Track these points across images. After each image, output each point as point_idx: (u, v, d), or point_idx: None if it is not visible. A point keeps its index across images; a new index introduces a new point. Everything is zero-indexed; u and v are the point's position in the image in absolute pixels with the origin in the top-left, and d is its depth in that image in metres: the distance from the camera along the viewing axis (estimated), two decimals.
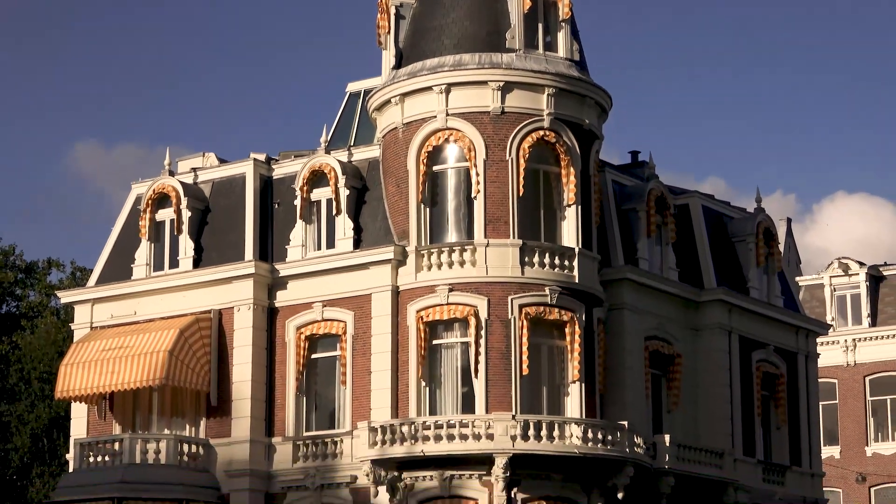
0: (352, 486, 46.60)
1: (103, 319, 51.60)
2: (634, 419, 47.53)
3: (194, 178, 51.78)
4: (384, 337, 46.87)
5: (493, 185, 46.38)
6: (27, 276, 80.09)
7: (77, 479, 48.02)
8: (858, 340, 75.23)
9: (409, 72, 47.80)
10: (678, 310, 52.04)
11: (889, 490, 74.23)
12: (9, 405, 71.27)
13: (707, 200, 56.26)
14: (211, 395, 49.10)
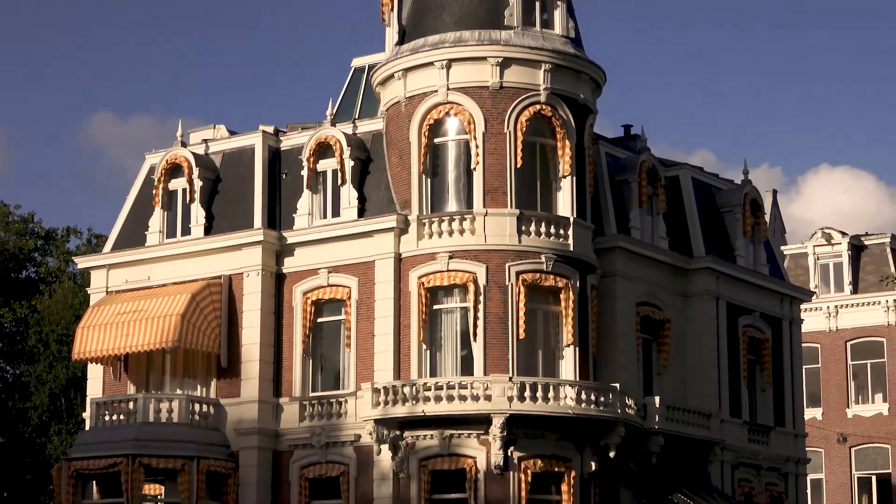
0: (355, 444, 46.70)
1: (118, 284, 51.63)
2: (626, 381, 47.63)
3: (206, 149, 51.75)
4: (387, 302, 46.92)
5: (491, 157, 46.36)
6: (46, 242, 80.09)
7: (93, 437, 48.10)
8: (840, 307, 75.26)
9: (411, 48, 47.73)
10: (668, 277, 52.08)
11: (868, 450, 74.36)
12: (28, 366, 71.36)
13: (696, 172, 56.27)
14: (221, 356, 49.16)
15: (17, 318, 72.57)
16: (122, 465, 46.21)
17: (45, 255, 79.63)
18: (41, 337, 70.31)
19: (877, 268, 75.37)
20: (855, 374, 75.30)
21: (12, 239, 77.56)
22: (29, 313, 71.81)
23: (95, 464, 46.94)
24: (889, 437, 73.74)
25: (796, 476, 56.79)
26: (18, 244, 77.55)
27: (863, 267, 76.44)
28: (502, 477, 44.44)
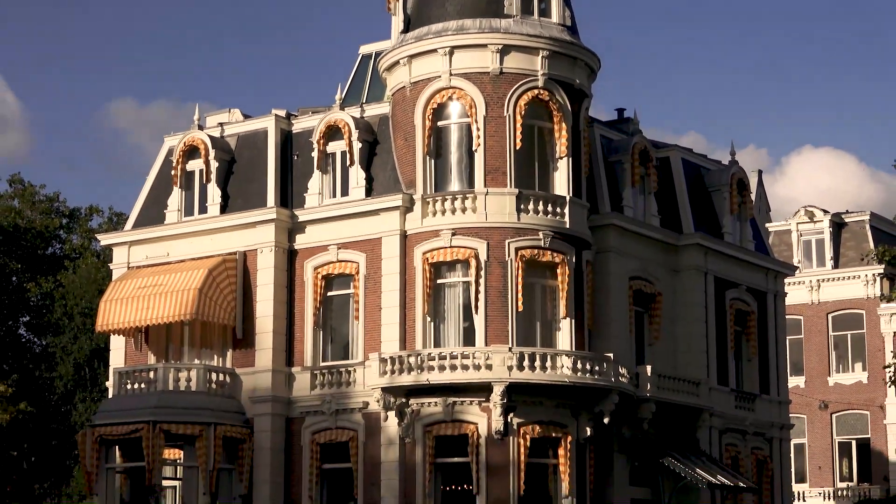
0: (364, 411, 46.75)
1: (139, 260, 51.64)
2: (619, 351, 47.64)
3: (221, 132, 51.71)
4: (393, 276, 46.92)
5: (492, 139, 46.32)
6: (70, 220, 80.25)
7: (116, 405, 48.16)
8: (822, 281, 75.25)
9: (415, 35, 47.66)
10: (659, 253, 52.04)
11: (849, 416, 74.44)
12: (54, 338, 71.53)
13: (686, 154, 56.19)
14: (237, 328, 49.19)
15: (44, 292, 72.75)
16: (143, 430, 46.23)
17: (70, 232, 79.82)
18: (66, 310, 70.45)
19: (857, 244, 75.35)
20: (836, 344, 75.34)
21: (38, 217, 77.72)
22: (54, 288, 71.96)
23: (118, 430, 46.99)
24: (868, 403, 73.80)
25: (780, 441, 56.85)
26: (44, 222, 77.71)
27: (843, 243, 76.42)
28: (502, 442, 44.49)
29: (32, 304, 74.54)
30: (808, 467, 73.76)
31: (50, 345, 72.21)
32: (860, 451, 74.30)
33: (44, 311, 73.65)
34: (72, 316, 69.77)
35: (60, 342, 70.33)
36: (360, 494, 46.68)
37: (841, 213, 78.07)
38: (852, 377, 74.60)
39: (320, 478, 47.76)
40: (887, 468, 73.24)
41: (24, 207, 78.26)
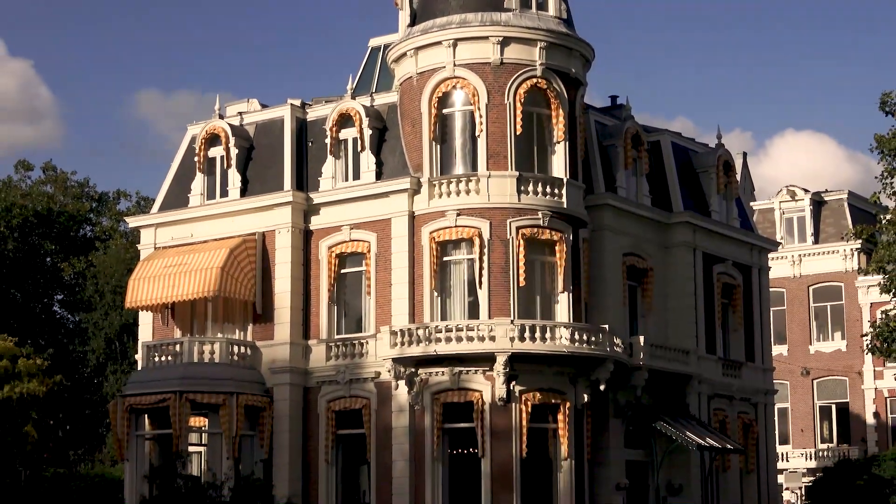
0: (376, 380, 46.80)
1: (165, 241, 51.66)
2: (613, 323, 47.66)
3: (240, 120, 51.69)
4: (402, 254, 46.91)
5: (493, 125, 46.27)
6: (99, 204, 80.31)
7: (144, 376, 48.25)
8: (803, 256, 75.29)
9: (421, 29, 47.59)
10: (651, 230, 52.02)
11: (828, 381, 74.55)
12: (86, 314, 71.66)
13: (675, 137, 56.16)
14: (256, 304, 49.21)
15: (76, 271, 72.88)
16: (170, 400, 46.30)
17: (99, 216, 79.88)
18: (97, 288, 70.57)
19: (835, 221, 75.41)
20: (816, 314, 75.43)
21: (70, 202, 77.79)
22: (86, 267, 72.07)
23: (147, 399, 47.08)
24: (847, 370, 73.89)
25: (765, 405, 56.89)
26: (76, 206, 77.78)
27: (823, 220, 76.46)
28: (505, 408, 44.55)
29: (66, 282, 74.67)
30: (790, 430, 73.90)
31: (82, 321, 72.34)
32: (839, 415, 74.44)
33: (76, 289, 73.78)
34: (103, 293, 69.87)
35: (92, 318, 70.44)
36: (373, 458, 46.75)
37: (821, 192, 78.09)
38: (832, 345, 74.72)
39: (335, 443, 47.83)
40: (865, 430, 73.41)
41: (57, 192, 78.34)
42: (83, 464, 70.77)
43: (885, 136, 36.49)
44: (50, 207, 75.63)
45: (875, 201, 46.05)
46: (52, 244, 74.84)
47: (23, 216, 72.93)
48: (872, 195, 46.13)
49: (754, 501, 55.19)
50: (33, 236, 73.35)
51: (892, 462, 57.42)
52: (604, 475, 47.95)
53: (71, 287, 74.66)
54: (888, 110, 36.93)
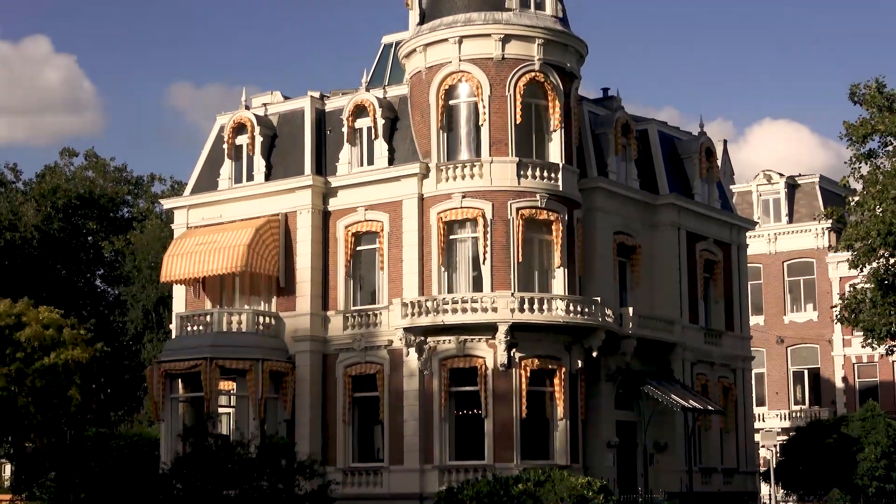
0: (388, 348, 46.85)
1: (196, 221, 51.69)
2: (605, 295, 47.69)
3: (265, 111, 51.63)
4: (412, 233, 46.92)
5: (495, 115, 46.23)
6: (137, 188, 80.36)
7: (178, 344, 48.33)
8: (778, 234, 75.25)
9: (430, 27, 47.50)
10: (639, 211, 51.96)
11: (801, 349, 74.58)
12: (125, 287, 71.84)
13: (662, 126, 56.05)
14: (280, 278, 49.26)
15: (116, 249, 72.99)
16: (201, 366, 46.39)
17: (136, 198, 79.95)
18: (135, 264, 70.70)
19: (808, 202, 75.36)
20: (790, 288, 75.44)
21: (110, 185, 77.85)
22: (125, 245, 72.20)
23: (180, 365, 47.17)
24: (818, 338, 73.90)
25: (743, 371, 56.88)
26: (115, 190, 77.82)
27: (797, 201, 76.40)
28: (506, 373, 44.63)
29: (106, 259, 74.82)
30: (766, 393, 73.97)
31: (122, 294, 72.51)
32: (811, 379, 74.53)
33: (116, 265, 73.91)
34: (140, 269, 69.99)
35: (131, 291, 70.59)
36: (386, 418, 46.83)
37: (795, 176, 77.99)
38: (804, 316, 74.75)
39: (352, 404, 47.90)
40: (834, 393, 73.48)
41: (98, 177, 78.38)
42: (122, 424, 70.99)
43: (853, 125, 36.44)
44: (91, 191, 75.68)
45: (844, 184, 45.97)
46: (93, 224, 74.92)
47: (67, 199, 73.04)
48: (842, 179, 46.04)
49: (733, 458, 55.25)
50: (76, 217, 73.43)
51: (858, 422, 57.43)
52: (596, 434, 48.04)
53: (111, 263, 74.79)
54: (856, 100, 36.87)
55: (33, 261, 68.07)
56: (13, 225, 66.98)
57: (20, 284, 63.17)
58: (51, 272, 69.99)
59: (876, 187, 34.80)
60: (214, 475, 40.21)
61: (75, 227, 73.35)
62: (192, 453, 41.35)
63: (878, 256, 35.22)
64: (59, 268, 71.08)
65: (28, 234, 67.74)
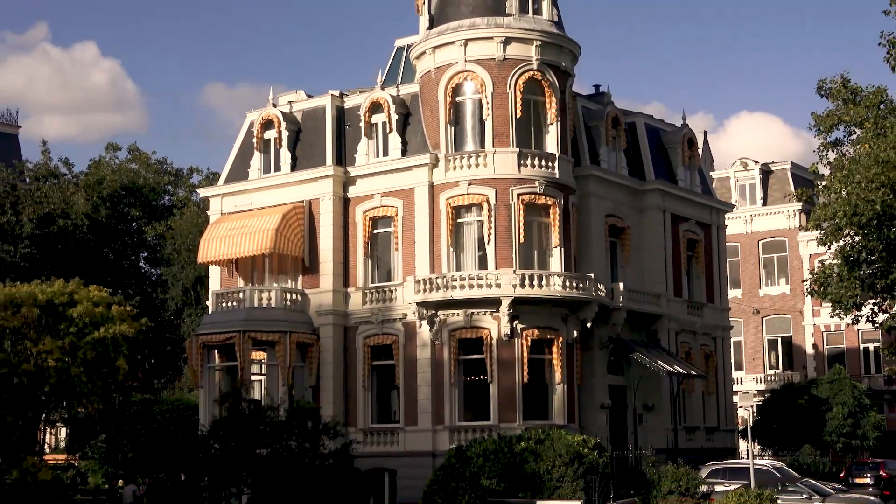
0: (403, 320, 46.90)
1: (229, 208, 51.72)
2: (597, 272, 47.71)
3: (290, 108, 51.60)
4: (424, 217, 46.91)
5: (498, 111, 46.14)
6: (175, 178, 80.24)
7: (214, 319, 48.41)
8: (754, 216, 75.09)
9: (438, 31, 47.39)
10: (628, 196, 51.93)
11: (775, 319, 74.52)
12: (166, 268, 71.82)
13: (648, 119, 55.95)
14: (305, 259, 49.29)
15: (157, 234, 72.95)
16: (235, 338, 46.50)
17: (176, 187, 79.84)
18: (175, 247, 70.68)
19: (780, 186, 75.17)
20: (765, 264, 75.36)
21: (151, 177, 77.80)
22: (166, 230, 72.16)
23: (216, 338, 47.27)
24: (790, 309, 73.88)
25: (722, 339, 56.94)
26: (156, 181, 77.78)
27: (770, 186, 76.24)
28: (509, 342, 44.67)
29: (149, 243, 74.75)
30: (744, 359, 73.94)
31: (163, 274, 72.47)
32: (784, 346, 74.49)
33: (158, 249, 73.88)
34: (179, 251, 69.94)
35: (171, 272, 70.56)
36: (401, 384, 46.92)
37: (768, 163, 77.79)
38: (778, 289, 74.66)
39: (370, 372, 48.00)
40: (805, 359, 73.46)
41: (141, 169, 78.29)
42: (165, 391, 71.05)
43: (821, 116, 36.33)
44: (135, 182, 75.62)
45: (814, 170, 45.82)
46: (137, 211, 74.87)
47: (112, 189, 73.01)
48: (811, 165, 45.92)
49: (714, 418, 55.33)
50: (122, 205, 73.40)
51: (827, 385, 57.48)
52: (590, 397, 48.14)
53: (153, 247, 74.74)
54: (823, 94, 36.72)
55: (83, 245, 68.06)
56: (65, 213, 66.95)
57: (72, 266, 63.21)
58: (99, 255, 69.97)
59: (842, 172, 34.67)
60: (248, 436, 40.29)
61: (121, 214, 73.33)
62: (228, 417, 41.41)
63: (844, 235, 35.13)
64: (106, 251, 71.06)
65: (79, 221, 67.70)
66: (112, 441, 49.20)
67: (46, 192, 67.28)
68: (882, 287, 35.44)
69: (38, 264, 63.36)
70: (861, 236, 35.08)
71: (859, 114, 35.42)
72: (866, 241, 35.03)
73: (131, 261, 74.24)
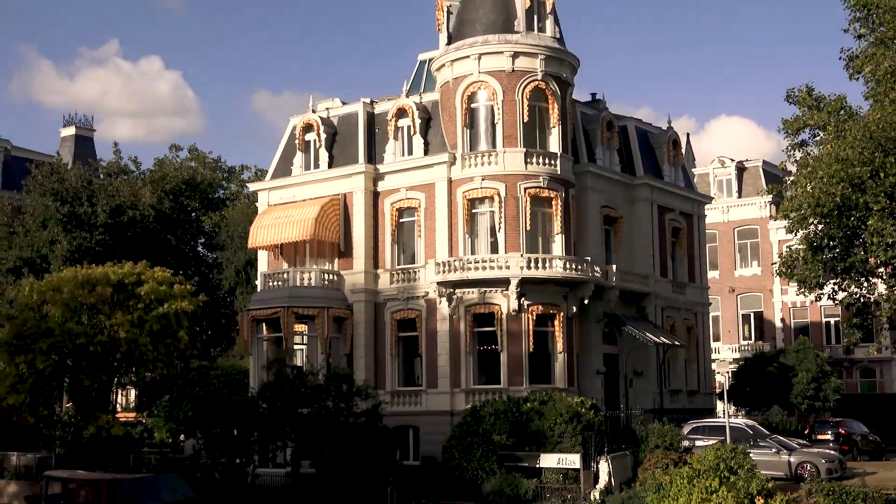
0: (425, 297, 46.89)
1: (275, 200, 51.76)
2: (594, 255, 47.64)
3: (327, 114, 51.59)
4: (443, 208, 46.86)
5: (507, 115, 46.01)
6: (229, 174, 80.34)
7: (262, 296, 48.54)
8: (730, 207, 74.79)
9: (455, 47, 47.23)
10: (620, 189, 51.76)
11: (748, 296, 74.28)
12: (220, 252, 71.95)
13: (638, 123, 55.73)
14: (340, 244, 49.33)
15: (213, 222, 73.06)
16: (280, 313, 46.66)
17: (229, 182, 79.93)
18: (228, 234, 70.78)
19: (753, 181, 74.87)
20: (739, 249, 75.07)
21: (208, 173, 77.85)
22: (220, 219, 72.26)
23: (264, 312, 47.44)
24: (761, 288, 73.63)
25: (702, 314, 56.77)
26: (212, 176, 77.83)
27: (745, 181, 75.91)
28: (517, 317, 44.64)
29: (206, 230, 74.86)
30: (721, 331, 73.76)
31: (218, 257, 72.55)
32: (756, 320, 74.26)
33: (213, 235, 73.96)
34: (232, 238, 70.02)
35: (225, 255, 70.64)
36: (424, 352, 46.93)
37: (743, 160, 77.43)
38: (751, 271, 74.40)
39: (397, 342, 48.03)
40: (774, 331, 73.23)
41: (199, 167, 78.34)
42: (220, 358, 71.27)
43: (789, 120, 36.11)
44: (193, 177, 75.67)
45: (783, 168, 45.52)
46: (195, 203, 74.97)
47: (174, 184, 73.08)
48: (781, 163, 45.45)
49: (695, 382, 55.22)
50: (182, 198, 73.47)
51: (793, 354, 57.27)
52: (587, 364, 48.08)
53: (209, 234, 74.80)
54: (791, 101, 36.46)
55: (149, 233, 68.13)
56: (134, 205, 67.01)
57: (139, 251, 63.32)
58: (163, 241, 70.07)
59: (807, 169, 34.43)
60: (291, 397, 40.43)
61: (182, 206, 73.39)
62: (274, 381, 41.55)
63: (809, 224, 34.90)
64: (169, 238, 71.14)
65: (145, 212, 67.76)
66: (174, 401, 49.47)
67: (118, 187, 67.40)
68: (841, 269, 35.22)
69: (111, 249, 63.51)
70: (823, 225, 34.85)
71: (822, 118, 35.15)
72: (828, 229, 34.80)
73: (190, 246, 74.33)
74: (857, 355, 69.37)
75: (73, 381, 49.08)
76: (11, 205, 67.38)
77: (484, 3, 47.33)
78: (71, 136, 77.77)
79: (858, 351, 68.30)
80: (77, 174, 66.15)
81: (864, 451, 49.16)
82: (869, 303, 36.49)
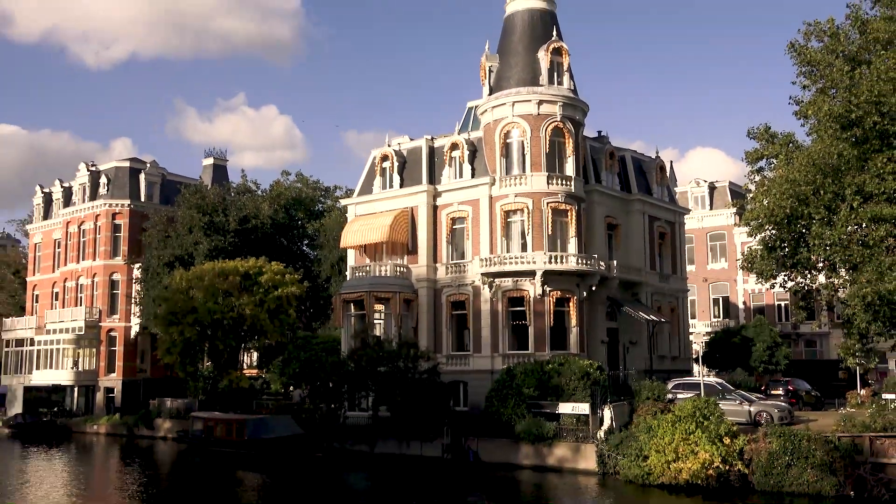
0: (472, 285, 46.83)
1: (360, 212, 51.98)
2: (600, 253, 47.29)
3: (399, 147, 51.75)
4: (485, 218, 46.79)
5: (534, 148, 45.82)
6: (325, 193, 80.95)
7: (350, 284, 48.80)
8: (703, 217, 73.69)
9: (495, 96, 47.13)
10: (619, 204, 51.29)
11: (718, 284, 73.05)
12: (320, 251, 72.53)
13: (633, 153, 55.14)
14: (409, 245, 49.46)
15: (315, 229, 73.70)
16: (364, 296, 46.90)
17: (326, 199, 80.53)
18: (325, 237, 71.36)
19: (722, 197, 73.73)
20: (711, 249, 73.90)
21: (310, 192, 78.54)
22: (319, 227, 72.85)
23: (352, 296, 47.70)
24: (728, 279, 72.44)
25: (682, 298, 56.01)
26: (314, 194, 78.50)
27: (715, 197, 74.80)
28: (541, 300, 44.44)
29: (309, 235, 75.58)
30: (697, 311, 72.73)
31: (318, 255, 73.22)
32: (723, 303, 73.06)
33: (314, 238, 74.67)
34: (328, 240, 70.59)
35: (323, 253, 71.23)
36: (471, 326, 46.84)
37: (714, 181, 76.23)
38: (720, 265, 73.21)
39: (451, 318, 47.99)
40: (738, 312, 72.09)
41: (304, 187, 79.13)
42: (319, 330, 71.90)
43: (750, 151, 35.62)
44: (300, 195, 76.48)
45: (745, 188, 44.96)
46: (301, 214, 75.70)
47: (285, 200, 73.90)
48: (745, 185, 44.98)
49: (677, 349, 54.57)
50: (292, 210, 74.25)
51: (752, 328, 56.35)
52: (594, 335, 47.73)
53: (312, 237, 75.51)
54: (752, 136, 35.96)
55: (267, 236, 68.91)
56: (256, 216, 67.85)
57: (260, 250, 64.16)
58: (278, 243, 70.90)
59: (763, 188, 33.97)
60: (372, 359, 40.75)
61: (291, 216, 74.17)
62: (359, 347, 41.90)
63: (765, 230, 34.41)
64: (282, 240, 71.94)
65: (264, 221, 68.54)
66: (286, 361, 50.01)
67: (244, 202, 68.28)
68: (790, 264, 34.67)
69: (239, 249, 64.38)
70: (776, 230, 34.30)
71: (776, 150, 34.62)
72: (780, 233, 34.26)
73: (297, 246, 75.06)
74: (802, 330, 68.06)
75: (212, 346, 49.83)
76: (167, 216, 68.70)
77: (517, 63, 47.16)
78: (210, 165, 78.93)
79: (803, 327, 67.08)
80: (215, 193, 67.18)
81: (808, 403, 48.24)
82: (811, 290, 35.86)
